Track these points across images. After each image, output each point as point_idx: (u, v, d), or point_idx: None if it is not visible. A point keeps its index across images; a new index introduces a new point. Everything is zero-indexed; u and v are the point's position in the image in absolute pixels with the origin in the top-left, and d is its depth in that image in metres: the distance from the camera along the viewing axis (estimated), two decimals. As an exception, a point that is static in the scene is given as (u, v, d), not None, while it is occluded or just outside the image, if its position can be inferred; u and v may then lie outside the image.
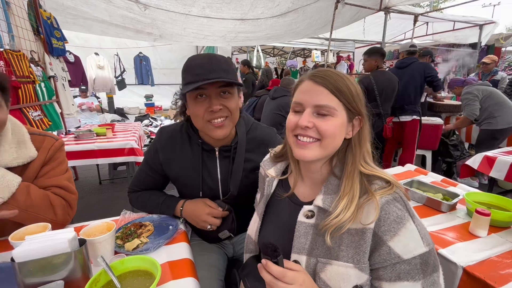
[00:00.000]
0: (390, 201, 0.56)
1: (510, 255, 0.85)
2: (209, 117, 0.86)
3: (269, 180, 0.77)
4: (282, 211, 0.72)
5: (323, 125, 0.59)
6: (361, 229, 0.56)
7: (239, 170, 0.98)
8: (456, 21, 6.29)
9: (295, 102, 0.64)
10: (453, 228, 1.02)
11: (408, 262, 0.54)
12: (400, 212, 0.55)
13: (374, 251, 0.56)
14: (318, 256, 0.60)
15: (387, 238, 0.54)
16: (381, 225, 0.55)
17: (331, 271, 0.58)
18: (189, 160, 1.00)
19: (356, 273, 0.56)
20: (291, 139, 0.65)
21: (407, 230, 0.54)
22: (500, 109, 2.85)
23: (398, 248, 0.54)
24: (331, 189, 0.63)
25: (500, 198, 1.14)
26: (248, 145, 1.01)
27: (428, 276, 0.55)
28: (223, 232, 1.02)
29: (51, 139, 0.96)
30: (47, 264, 0.66)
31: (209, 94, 0.85)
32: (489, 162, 1.97)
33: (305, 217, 0.64)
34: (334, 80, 0.60)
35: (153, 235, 0.93)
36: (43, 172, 0.93)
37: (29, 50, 2.81)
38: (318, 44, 6.78)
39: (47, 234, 0.70)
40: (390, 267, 0.55)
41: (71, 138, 2.57)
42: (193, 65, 0.85)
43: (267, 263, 0.56)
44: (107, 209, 2.80)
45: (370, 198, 0.56)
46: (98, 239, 0.75)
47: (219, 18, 3.42)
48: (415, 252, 0.54)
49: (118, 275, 0.69)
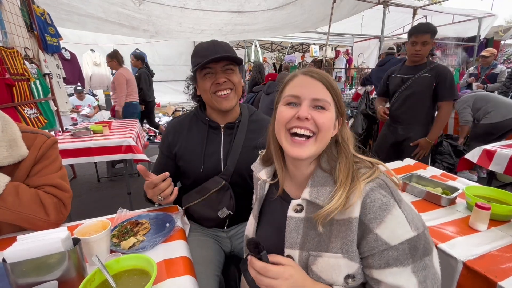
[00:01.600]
0: (375, 188, 0.56)
1: (510, 249, 0.85)
2: (215, 89, 1.00)
3: (261, 183, 0.78)
4: (276, 211, 0.73)
5: (320, 117, 0.61)
6: (347, 218, 0.57)
7: (239, 146, 1.05)
8: (455, 14, 6.23)
9: (291, 95, 0.64)
10: (453, 222, 1.01)
11: (395, 248, 0.54)
12: (385, 199, 0.55)
13: (362, 240, 0.57)
14: (310, 249, 0.61)
15: (374, 226, 0.55)
16: (367, 213, 0.55)
17: (322, 263, 0.59)
18: (195, 138, 1.09)
19: (346, 262, 0.57)
20: (283, 135, 0.64)
21: (393, 216, 0.54)
22: (493, 105, 2.92)
23: (385, 235, 0.54)
24: (318, 181, 0.63)
25: (500, 191, 1.13)
26: (250, 125, 1.10)
27: (419, 261, 0.55)
28: (222, 210, 1.03)
29: (42, 137, 0.94)
30: (40, 264, 0.65)
31: (214, 71, 1.00)
32: (488, 155, 1.96)
33: (295, 212, 0.65)
34: (327, 77, 0.64)
35: (150, 233, 0.91)
36: (35, 171, 0.91)
37: (23, 47, 2.77)
38: (317, 39, 6.72)
39: (40, 234, 0.69)
40: (378, 254, 0.55)
41: (67, 136, 2.54)
42: (200, 49, 1.02)
43: (251, 259, 0.57)
44: (105, 207, 2.79)
45: (355, 186, 0.57)
46: (92, 238, 0.74)
47: (215, 10, 3.37)
48: (402, 238, 0.54)
49: (114, 274, 0.67)
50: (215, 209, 1.02)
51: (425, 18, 6.91)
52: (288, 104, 0.64)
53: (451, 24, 6.68)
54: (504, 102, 2.93)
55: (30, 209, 0.85)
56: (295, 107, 0.63)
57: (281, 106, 0.66)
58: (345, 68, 7.50)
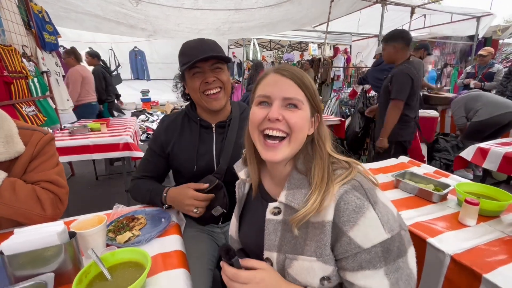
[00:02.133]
0: (349, 190, 0.56)
1: (497, 243, 0.87)
2: (204, 88, 1.00)
3: (239, 182, 0.79)
4: (256, 210, 0.73)
5: (292, 117, 0.59)
6: (321, 221, 0.56)
7: (231, 145, 1.06)
8: (453, 13, 6.23)
9: (261, 95, 0.62)
10: (443, 218, 1.03)
11: (368, 251, 0.54)
12: (359, 201, 0.54)
13: (336, 242, 0.56)
14: (286, 252, 0.61)
15: (347, 229, 0.54)
16: (340, 215, 0.55)
17: (297, 266, 0.59)
18: (187, 137, 1.09)
19: (320, 265, 0.57)
20: (256, 137, 0.63)
21: (366, 219, 0.54)
22: (481, 104, 2.98)
23: (358, 238, 0.54)
24: (294, 184, 0.62)
25: (490, 188, 1.15)
26: (242, 123, 1.10)
27: (392, 263, 0.54)
28: (215, 208, 1.04)
29: (39, 133, 0.95)
30: (37, 257, 0.66)
31: (203, 70, 1.00)
32: (482, 153, 1.99)
33: (272, 214, 0.64)
34: (300, 74, 0.61)
35: (146, 228, 0.93)
36: (32, 167, 0.92)
37: (21, 45, 2.77)
38: (315, 37, 6.72)
39: (36, 227, 0.70)
40: (352, 257, 0.55)
41: (65, 134, 2.55)
42: (187, 48, 1.02)
43: (223, 265, 0.58)
44: (103, 204, 2.77)
45: (329, 189, 0.56)
46: (88, 232, 0.75)
47: (212, 9, 3.37)
48: (375, 241, 0.53)
49: (109, 266, 0.69)
50: (209, 207, 1.03)
51: (423, 17, 6.93)
52: (260, 104, 0.63)
53: (449, 23, 6.68)
54: (493, 100, 2.96)
55: (26, 204, 0.86)
56: (267, 107, 0.61)
57: (253, 107, 0.64)
58: (344, 66, 7.51)
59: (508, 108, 2.82)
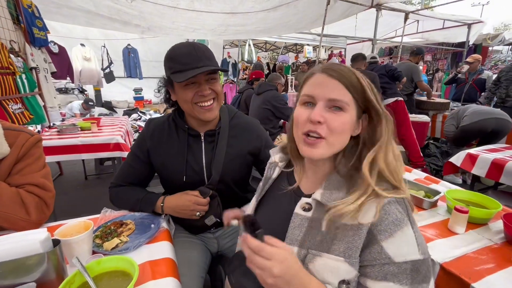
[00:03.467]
0: (392, 202, 0.55)
1: (485, 251, 0.88)
2: (198, 99, 0.94)
3: (271, 163, 0.78)
4: (282, 198, 0.71)
5: (334, 121, 0.58)
6: (357, 224, 0.55)
7: (221, 155, 1.02)
8: (445, 20, 6.36)
9: (306, 95, 0.61)
10: (433, 225, 1.04)
11: (398, 265, 0.52)
12: (400, 215, 0.54)
13: (366, 248, 0.55)
14: (309, 248, 0.59)
15: (381, 238, 0.53)
16: (378, 224, 0.54)
17: (320, 263, 0.57)
18: (175, 146, 1.03)
19: (346, 267, 0.55)
20: (299, 136, 0.62)
21: (403, 233, 0.53)
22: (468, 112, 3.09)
23: (391, 249, 0.53)
24: (332, 185, 0.61)
25: (479, 195, 1.17)
26: (232, 131, 1.06)
27: (417, 284, 0.53)
28: (209, 218, 1.03)
29: (25, 135, 0.91)
30: (18, 266, 0.63)
31: (198, 81, 0.93)
32: (472, 159, 2.03)
33: (302, 210, 0.63)
34: (348, 75, 0.59)
35: (134, 234, 0.91)
36: (17, 169, 0.89)
37: (8, 40, 2.68)
38: (310, 40, 6.76)
39: (18, 235, 0.67)
40: (378, 267, 0.54)
41: (54, 132, 2.49)
42: (179, 54, 0.93)
43: (246, 236, 0.53)
44: (92, 206, 2.71)
45: (372, 197, 0.55)
46: (73, 239, 0.73)
47: (208, 11, 3.34)
48: (408, 258, 0.52)
49: (94, 276, 0.67)
50: (202, 217, 1.01)
51: (416, 23, 7.05)
52: (305, 104, 0.62)
53: (441, 29, 6.82)
54: (479, 109, 3.06)
55: (10, 208, 0.83)
56: (311, 108, 0.60)
57: (298, 106, 0.64)
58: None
59: (491, 114, 2.90)
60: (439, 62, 8.74)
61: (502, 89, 3.87)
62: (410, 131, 3.32)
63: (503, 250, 0.89)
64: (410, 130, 3.32)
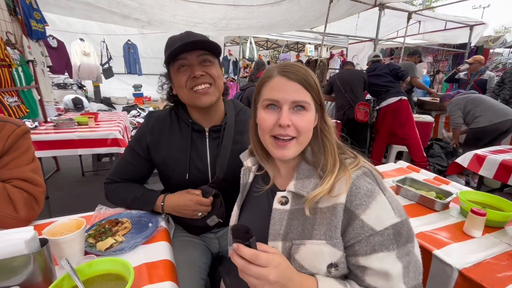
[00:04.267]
0: (360, 175, 0.58)
1: (505, 256, 0.83)
2: (192, 84, 0.88)
3: (245, 169, 0.79)
4: (261, 200, 0.72)
5: (300, 121, 0.61)
6: (332, 205, 0.57)
7: (227, 152, 0.97)
8: (447, 21, 6.32)
9: (269, 99, 0.62)
10: (447, 228, 0.98)
11: (381, 233, 0.55)
12: (370, 186, 0.57)
13: (348, 227, 0.57)
14: (293, 239, 0.61)
15: (359, 212, 0.55)
16: (352, 199, 0.56)
17: (305, 251, 0.59)
18: (178, 141, 0.98)
19: (329, 249, 0.57)
20: (268, 139, 0.64)
21: (377, 202, 0.55)
22: (481, 110, 2.96)
23: (371, 220, 0.55)
24: (303, 174, 0.64)
25: (493, 197, 1.11)
26: (238, 127, 1.01)
27: (402, 246, 0.55)
28: (211, 218, 0.98)
29: (11, 126, 0.85)
30: (1, 268, 0.57)
31: (190, 63, 0.88)
32: (479, 160, 1.98)
33: (280, 204, 0.64)
34: (304, 75, 0.62)
35: (130, 233, 0.85)
36: (3, 163, 0.82)
37: (5, 32, 2.61)
38: (312, 38, 6.69)
39: (2, 234, 0.61)
40: (365, 240, 0.55)
41: (50, 127, 2.42)
42: (172, 41, 0.90)
43: (239, 246, 0.52)
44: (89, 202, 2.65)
45: (342, 174, 0.58)
46: (63, 238, 0.67)
47: (210, 3, 3.27)
48: (387, 223, 0.55)
49: (85, 279, 0.61)
50: (204, 217, 0.96)
51: (418, 24, 7.01)
52: (267, 107, 0.63)
53: (443, 30, 6.78)
54: (492, 106, 2.95)
55: None
56: (275, 111, 0.63)
57: (260, 110, 0.65)
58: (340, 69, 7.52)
59: (507, 115, 2.82)
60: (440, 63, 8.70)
61: (506, 91, 3.83)
62: (413, 130, 3.26)
63: (523, 255, 0.83)
64: (414, 129, 3.26)
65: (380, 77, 3.44)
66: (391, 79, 3.37)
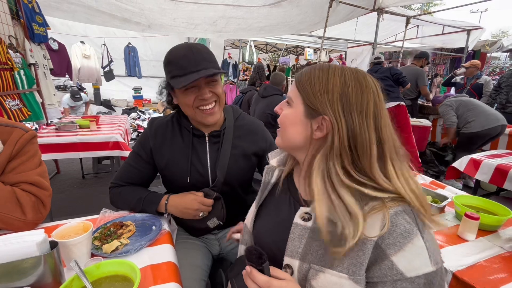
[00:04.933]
0: (399, 212, 0.51)
1: (497, 259, 0.85)
2: (199, 103, 0.92)
3: (268, 168, 0.76)
4: (282, 205, 0.69)
5: (281, 115, 0.64)
6: (362, 240, 0.51)
7: (226, 156, 1.00)
8: (445, 25, 6.40)
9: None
10: (442, 232, 1.01)
11: (411, 280, 0.49)
12: (408, 226, 0.50)
13: (375, 264, 0.51)
14: (311, 262, 0.56)
15: (391, 252, 0.50)
16: (385, 237, 0.50)
17: (323, 280, 0.54)
18: (179, 146, 1.01)
19: (350, 285, 0.52)
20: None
21: (414, 246, 0.49)
22: (473, 114, 3.00)
23: (402, 264, 0.49)
24: None
25: (487, 201, 1.14)
26: (236, 132, 1.05)
27: None
28: (212, 220, 1.00)
29: (19, 131, 0.87)
30: (12, 269, 0.60)
31: (198, 84, 0.90)
32: (475, 165, 2.01)
33: (302, 219, 0.60)
34: (306, 74, 0.61)
35: (135, 236, 0.87)
36: (11, 167, 0.85)
37: (7, 35, 2.64)
38: (311, 42, 6.76)
39: (14, 236, 0.64)
40: (390, 283, 0.50)
41: (51, 130, 2.44)
42: (177, 57, 0.90)
43: (252, 271, 0.52)
44: (89, 205, 2.69)
45: (377, 209, 0.51)
46: (72, 241, 0.69)
47: (209, 3, 3.30)
48: (420, 271, 0.49)
49: (93, 281, 0.63)
50: (205, 219, 0.99)
51: (416, 28, 7.09)
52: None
53: (441, 35, 6.86)
54: (484, 111, 2.99)
55: (5, 208, 0.79)
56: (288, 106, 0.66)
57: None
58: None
59: (498, 121, 2.89)
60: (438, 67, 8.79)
61: (502, 95, 3.89)
62: (410, 137, 3.26)
63: (515, 258, 0.86)
64: (411, 136, 3.26)
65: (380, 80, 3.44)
66: (391, 83, 3.37)
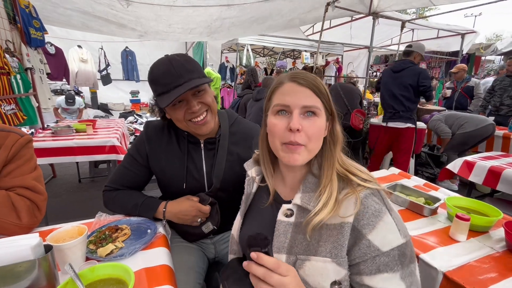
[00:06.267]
0: (368, 195, 0.57)
1: (488, 259, 0.87)
2: (190, 116, 0.90)
3: (249, 179, 0.78)
4: (265, 210, 0.72)
5: (310, 127, 0.60)
6: (340, 223, 0.57)
7: (222, 162, 1.00)
8: (440, 29, 6.50)
9: (280, 104, 0.62)
10: (434, 233, 1.03)
11: (387, 254, 0.55)
12: (377, 206, 0.56)
13: (354, 246, 0.57)
14: (297, 253, 0.60)
15: (366, 232, 0.55)
16: (360, 219, 0.56)
17: (309, 267, 0.58)
18: (175, 152, 1.01)
19: (334, 267, 0.56)
20: (278, 145, 0.63)
21: (384, 223, 0.55)
22: (464, 118, 3.14)
23: (377, 240, 0.55)
24: (309, 187, 0.63)
25: (479, 203, 1.16)
26: (232, 138, 1.04)
27: (406, 267, 0.56)
28: (206, 225, 1.01)
29: (15, 135, 0.88)
30: (7, 273, 0.60)
31: (185, 98, 0.88)
32: (469, 166, 2.04)
33: (285, 216, 0.64)
34: (313, 81, 0.62)
35: (130, 240, 0.88)
36: (7, 172, 0.85)
37: (4, 40, 2.65)
38: (308, 46, 6.82)
39: (8, 240, 0.64)
40: (370, 260, 0.55)
41: (48, 134, 2.44)
42: (158, 74, 0.87)
43: (259, 255, 0.52)
44: (85, 209, 2.68)
45: (350, 193, 0.58)
46: (66, 245, 0.70)
47: (205, 5, 3.32)
48: (393, 244, 0.55)
49: (88, 284, 0.64)
50: (199, 224, 1.00)
51: (411, 32, 7.19)
52: (278, 113, 0.63)
53: (435, 38, 6.96)
54: (472, 115, 3.16)
55: (0, 212, 0.79)
56: (285, 116, 0.62)
57: (271, 116, 0.64)
58: (335, 76, 7.64)
59: (487, 120, 3.04)
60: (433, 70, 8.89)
61: (496, 98, 3.95)
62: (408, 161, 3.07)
63: (505, 259, 0.88)
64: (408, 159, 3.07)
65: (401, 87, 2.79)
66: (410, 95, 2.79)
